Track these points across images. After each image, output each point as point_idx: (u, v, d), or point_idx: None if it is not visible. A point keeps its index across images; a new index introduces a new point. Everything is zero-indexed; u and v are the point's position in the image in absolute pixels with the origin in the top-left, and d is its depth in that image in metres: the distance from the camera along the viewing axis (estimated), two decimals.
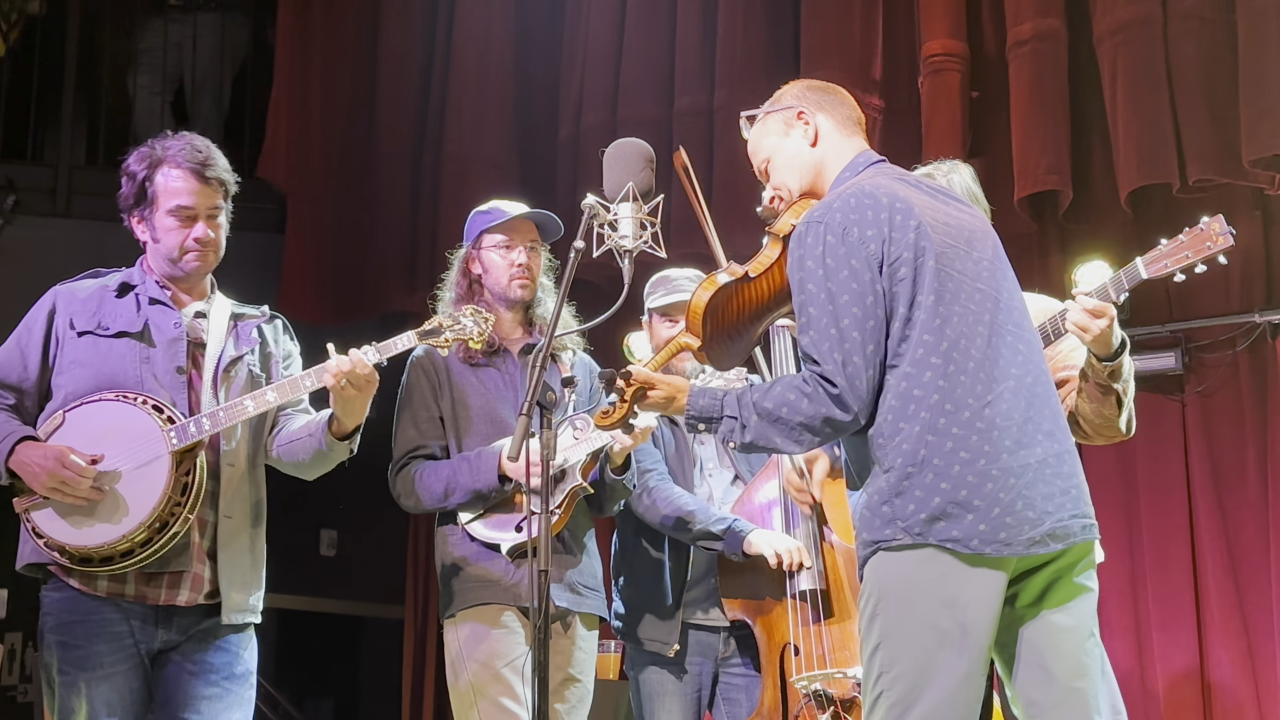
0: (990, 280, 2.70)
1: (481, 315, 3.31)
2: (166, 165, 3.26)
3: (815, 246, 2.63)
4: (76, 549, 3.07)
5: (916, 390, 2.56)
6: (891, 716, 2.54)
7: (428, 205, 6.87)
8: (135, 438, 3.10)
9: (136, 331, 3.23)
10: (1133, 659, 5.28)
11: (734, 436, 2.68)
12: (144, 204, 3.29)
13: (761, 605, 3.80)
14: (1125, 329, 5.24)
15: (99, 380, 3.17)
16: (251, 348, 3.36)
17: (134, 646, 3.13)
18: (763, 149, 2.93)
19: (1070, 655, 2.63)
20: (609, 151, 2.98)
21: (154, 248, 3.32)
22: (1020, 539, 2.53)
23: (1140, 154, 4.96)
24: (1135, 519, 5.40)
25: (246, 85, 7.92)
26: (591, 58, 6.42)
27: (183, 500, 3.10)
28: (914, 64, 5.59)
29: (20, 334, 3.28)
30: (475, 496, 3.49)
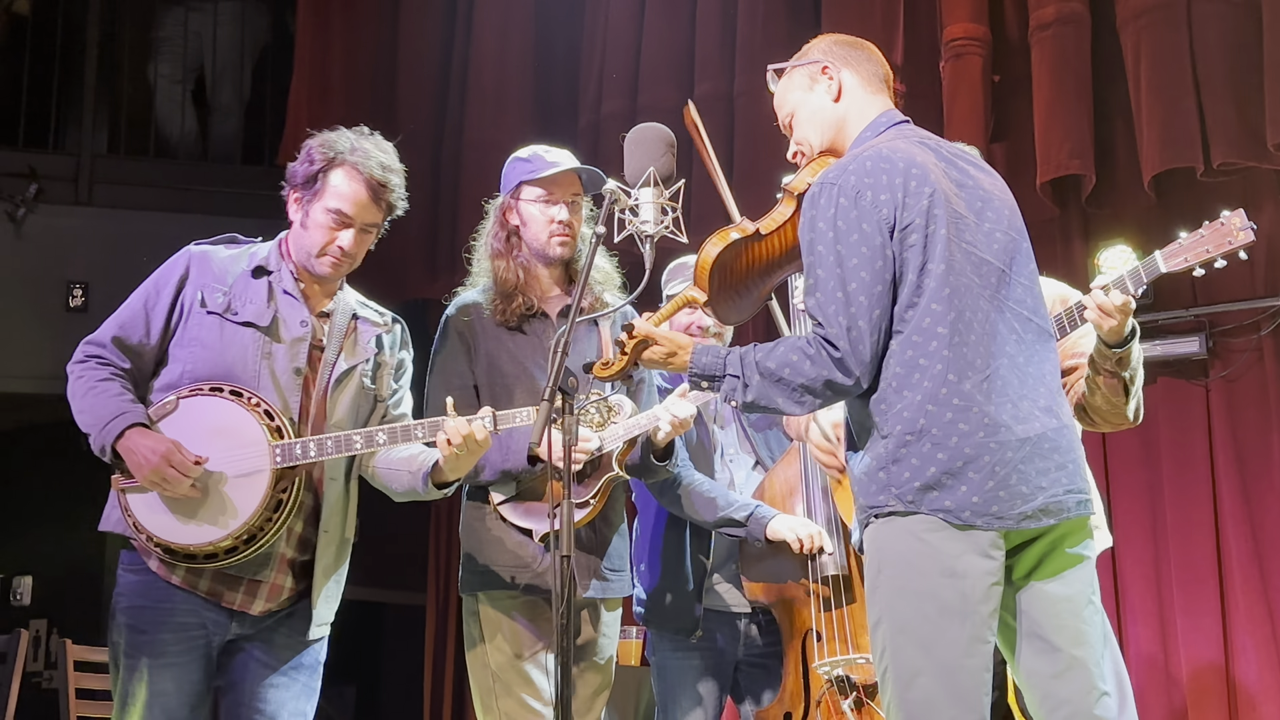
0: (999, 253, 2.69)
1: (605, 405, 3.27)
2: (347, 167, 3.23)
3: (828, 208, 2.63)
4: (162, 541, 3.08)
5: (922, 359, 2.56)
6: (898, 688, 2.54)
7: (448, 192, 6.87)
8: (242, 444, 3.09)
9: (265, 325, 3.20)
10: (1156, 644, 5.26)
11: (735, 395, 2.67)
12: (309, 189, 3.24)
13: (784, 590, 3.80)
14: (1149, 313, 5.29)
15: (217, 366, 3.15)
16: (367, 358, 3.32)
17: (202, 638, 3.13)
18: (787, 103, 2.92)
19: (1069, 624, 2.63)
20: (630, 136, 2.97)
21: (299, 233, 3.27)
22: (1012, 513, 2.53)
23: (1164, 138, 4.93)
24: (1159, 504, 5.38)
25: (267, 73, 7.93)
26: (611, 44, 6.41)
27: (275, 515, 3.10)
28: (935, 48, 5.56)
29: (148, 294, 3.23)
30: (505, 475, 3.45)
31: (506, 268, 3.53)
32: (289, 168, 3.30)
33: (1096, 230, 5.49)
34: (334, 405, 3.24)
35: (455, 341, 3.54)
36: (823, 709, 3.67)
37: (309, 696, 3.27)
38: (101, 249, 6.96)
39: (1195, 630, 5.21)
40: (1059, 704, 2.61)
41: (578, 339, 3.52)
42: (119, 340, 3.18)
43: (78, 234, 7.07)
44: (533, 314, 3.53)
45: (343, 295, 3.37)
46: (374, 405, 3.35)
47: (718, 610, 3.89)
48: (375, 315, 3.42)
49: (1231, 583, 5.21)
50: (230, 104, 7.91)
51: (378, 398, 3.35)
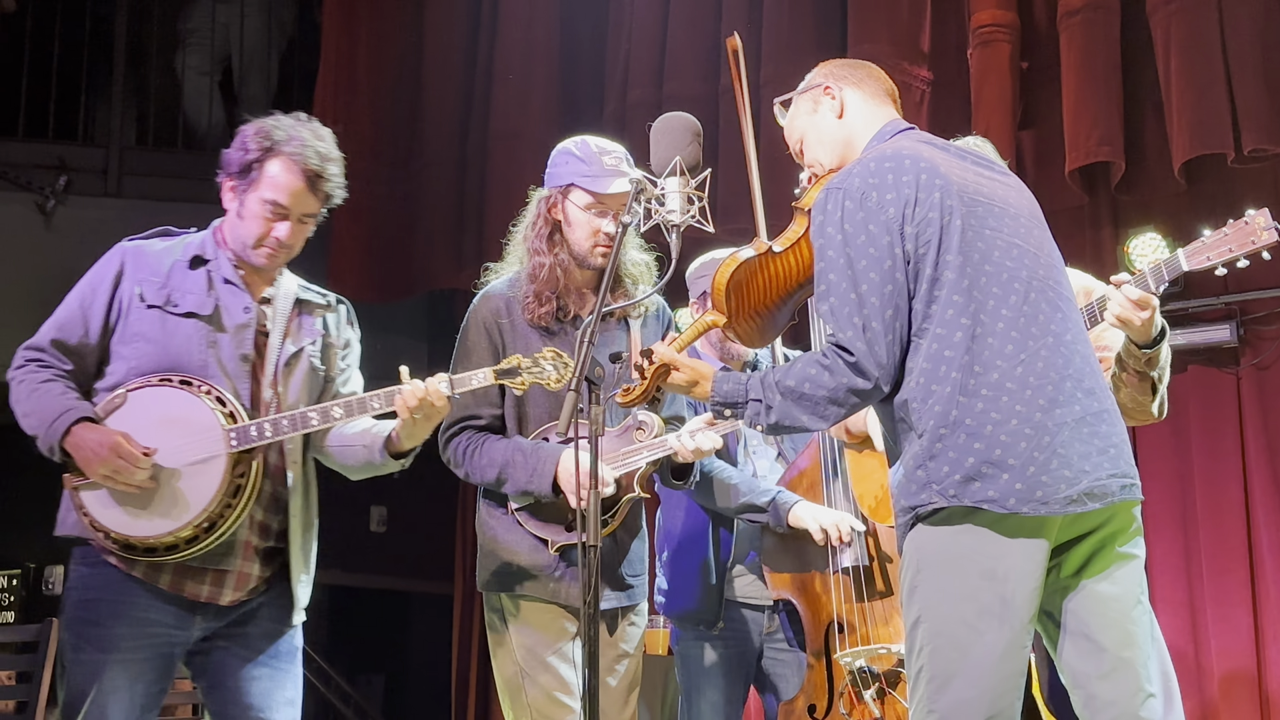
0: (1028, 237, 2.68)
1: (561, 360, 3.15)
2: (283, 158, 3.15)
3: (834, 212, 2.62)
4: (120, 536, 3.01)
5: (947, 351, 2.54)
6: (932, 689, 2.52)
7: (474, 183, 6.88)
8: (195, 431, 3.03)
9: (206, 314, 3.14)
10: (1186, 635, 5.24)
11: (759, 419, 2.65)
12: (245, 179, 3.17)
13: (806, 582, 3.80)
14: (1180, 301, 5.26)
15: (163, 359, 3.09)
16: (314, 339, 3.28)
17: (162, 636, 3.05)
18: (795, 129, 2.93)
19: (1117, 624, 2.60)
20: (656, 126, 2.96)
21: (235, 222, 3.20)
22: (1057, 497, 2.49)
23: (1194, 124, 4.89)
24: (1189, 493, 5.35)
25: (294, 64, 7.96)
26: (637, 33, 6.40)
27: (234, 501, 3.04)
28: (963, 35, 5.54)
29: (84, 294, 3.17)
30: (525, 495, 3.36)
31: (546, 267, 3.42)
32: (224, 154, 3.22)
33: (1126, 218, 5.46)
34: (286, 389, 3.19)
35: (482, 338, 3.44)
36: (845, 700, 3.67)
37: (295, 683, 3.22)
38: None
39: (1226, 620, 5.18)
40: (1104, 705, 2.58)
41: (610, 336, 3.47)
42: (58, 343, 3.12)
43: (107, 225, 7.08)
44: (566, 318, 3.44)
45: (283, 280, 3.30)
46: (324, 386, 3.30)
47: (741, 601, 3.88)
48: (318, 297, 3.36)
49: (1263, 572, 5.18)
50: (257, 95, 7.93)
51: (327, 378, 3.30)
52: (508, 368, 3.13)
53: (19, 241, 7.09)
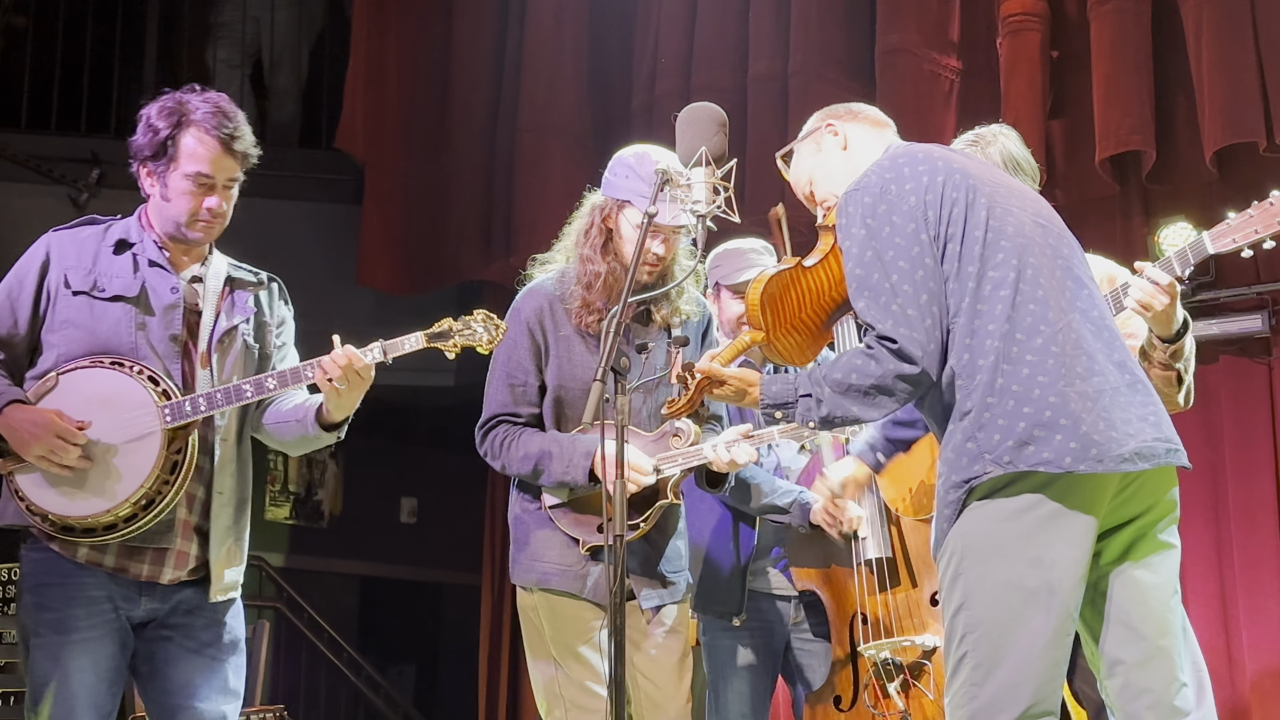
0: (1049, 220, 2.72)
1: (492, 322, 3.15)
2: (195, 128, 3.14)
3: (855, 212, 2.65)
4: (58, 517, 3.02)
5: (990, 324, 2.55)
6: (976, 677, 2.52)
7: (503, 174, 6.89)
8: (128, 409, 3.03)
9: (133, 296, 3.14)
10: (1217, 626, 5.21)
11: (810, 415, 2.65)
12: (161, 159, 3.16)
13: (830, 574, 3.80)
14: (1211, 291, 5.22)
15: (93, 343, 3.09)
16: (247, 317, 3.26)
17: (113, 613, 3.06)
18: (803, 174, 2.97)
19: (1156, 613, 2.60)
20: (682, 116, 2.97)
21: (161, 205, 3.20)
22: (1111, 454, 2.49)
23: (1225, 112, 4.86)
24: (1221, 484, 5.32)
25: (324, 57, 7.99)
26: (665, 24, 6.40)
27: (171, 478, 3.03)
28: (992, 24, 5.51)
29: (10, 286, 3.19)
30: (561, 485, 3.37)
31: (601, 276, 3.40)
32: (131, 142, 3.22)
33: (1157, 207, 5.42)
34: (220, 366, 3.19)
35: (525, 336, 3.43)
36: (870, 692, 3.67)
37: (235, 673, 3.20)
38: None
39: (1258, 613, 5.15)
40: (1140, 692, 2.58)
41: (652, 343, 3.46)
42: None
43: None
44: (644, 345, 3.42)
45: (214, 259, 3.30)
46: (259, 364, 3.28)
47: (766, 593, 3.89)
48: (249, 275, 3.35)
49: None
50: (288, 88, 7.98)
51: (263, 354, 3.30)
52: (439, 330, 3.13)
53: None
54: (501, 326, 3.16)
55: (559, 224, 6.59)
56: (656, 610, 3.41)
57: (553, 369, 3.39)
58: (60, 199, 7.18)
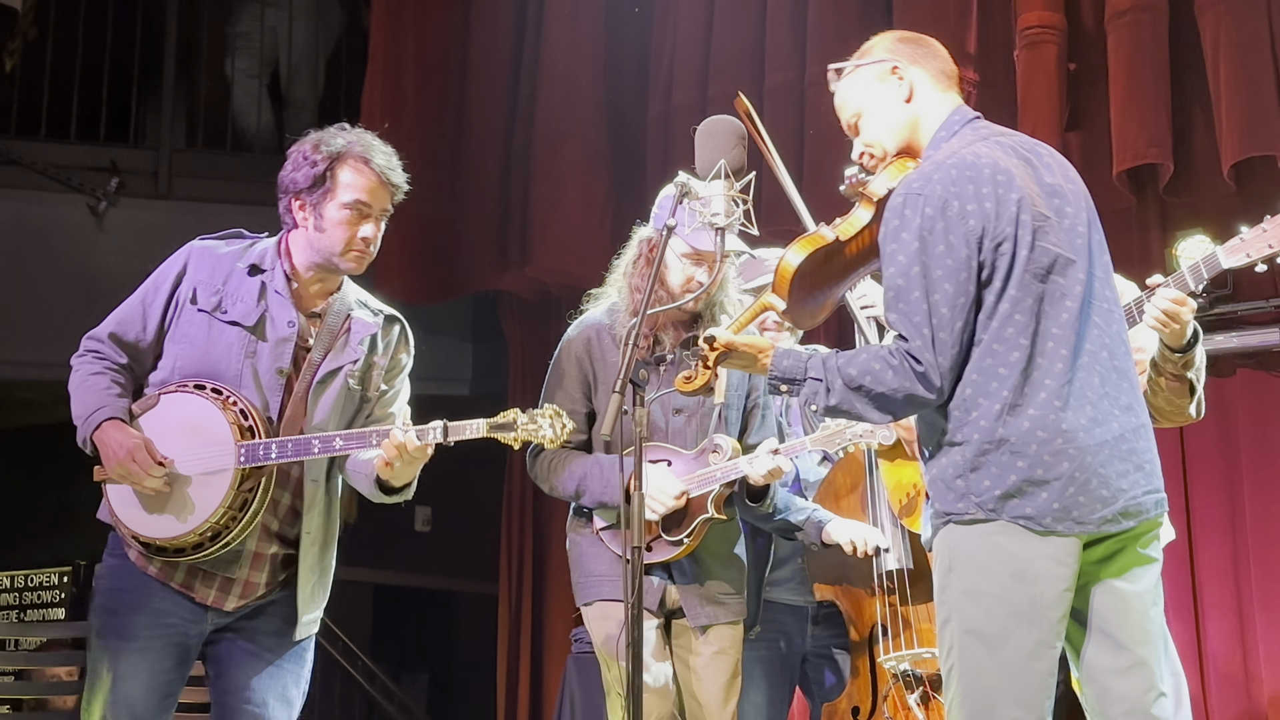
0: (1080, 249, 2.66)
1: (560, 420, 3.13)
2: (354, 160, 3.24)
3: (913, 219, 2.60)
4: (133, 533, 3.14)
5: (1002, 369, 2.55)
6: (964, 688, 2.54)
7: (519, 184, 6.90)
8: (211, 442, 3.12)
9: (250, 324, 3.21)
10: (1234, 640, 5.19)
11: (817, 400, 2.65)
12: (317, 190, 3.22)
13: (849, 586, 3.80)
14: (1228, 304, 5.20)
15: (204, 363, 3.19)
16: (355, 359, 3.31)
17: (177, 628, 3.15)
18: (852, 103, 2.85)
19: (1136, 622, 2.62)
20: (701, 129, 2.98)
21: (312, 237, 3.26)
22: (1093, 517, 2.53)
23: (1243, 125, 4.85)
24: (1238, 498, 5.30)
25: (341, 67, 8.02)
26: (682, 34, 6.41)
27: (240, 514, 3.11)
28: (1009, 36, 5.51)
29: (147, 291, 3.29)
30: (601, 505, 3.52)
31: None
32: (284, 177, 3.28)
33: (1174, 220, 5.41)
34: (314, 405, 3.23)
35: (574, 366, 3.58)
36: (889, 703, 3.67)
37: (295, 683, 3.28)
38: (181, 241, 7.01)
39: (1275, 626, 5.12)
40: (1116, 700, 2.60)
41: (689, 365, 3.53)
42: (115, 336, 3.25)
43: (157, 227, 7.18)
44: (662, 351, 3.56)
45: (340, 295, 3.36)
46: (359, 405, 3.34)
47: (784, 604, 3.89)
48: (370, 315, 3.39)
49: None
50: (305, 97, 8.00)
51: (364, 398, 3.34)
52: (503, 422, 3.12)
53: (72, 243, 7.19)
54: (568, 426, 3.14)
55: (575, 233, 6.67)
56: (704, 630, 3.50)
57: (600, 397, 3.54)
58: (79, 207, 7.22)
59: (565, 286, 6.73)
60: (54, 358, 7.13)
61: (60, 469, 7.58)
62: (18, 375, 7.38)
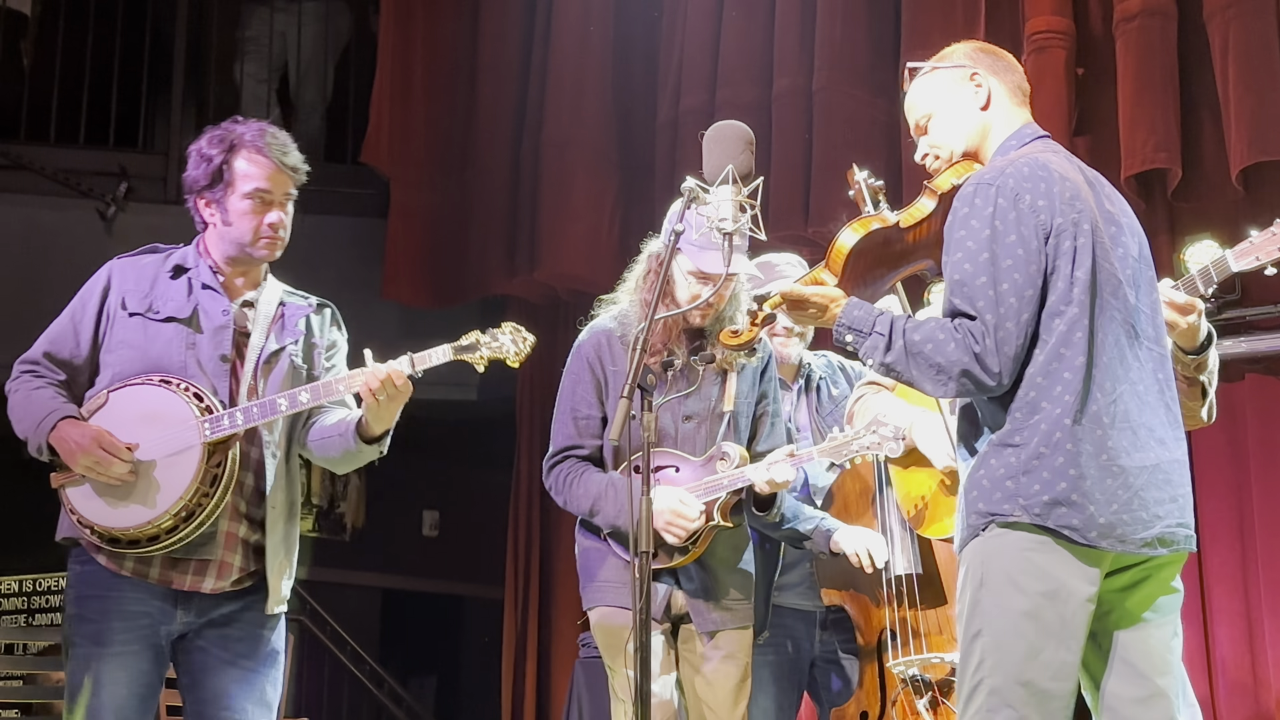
0: (1130, 279, 2.67)
1: (520, 335, 3.25)
2: (247, 150, 3.28)
3: (984, 207, 2.60)
4: (104, 529, 3.13)
5: (1067, 373, 2.55)
6: (992, 704, 2.52)
7: (527, 189, 6.91)
8: (172, 424, 3.13)
9: (185, 317, 3.25)
10: (1243, 646, 5.18)
11: (875, 355, 2.65)
12: (218, 186, 3.29)
13: (858, 591, 3.80)
14: (1237, 309, 5.20)
15: (146, 363, 3.21)
16: (295, 339, 3.36)
17: (151, 628, 3.16)
18: (925, 104, 2.86)
19: (1157, 653, 2.62)
20: (708, 134, 2.98)
21: (221, 231, 3.32)
22: (1135, 538, 2.54)
23: (1252, 130, 4.84)
24: (1246, 503, 5.29)
25: (350, 72, 8.03)
26: (690, 40, 6.41)
27: (211, 490, 3.13)
28: (1017, 41, 5.50)
29: (75, 309, 3.32)
30: (615, 529, 3.52)
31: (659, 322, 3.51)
32: (186, 177, 3.35)
33: (1183, 225, 5.41)
34: (265, 385, 3.27)
35: (586, 372, 3.60)
36: (898, 708, 3.66)
37: (272, 685, 3.29)
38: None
39: None
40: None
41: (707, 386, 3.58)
42: (50, 355, 3.28)
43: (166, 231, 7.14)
44: (671, 363, 3.56)
45: (267, 285, 3.41)
46: (306, 384, 3.35)
47: (793, 608, 3.89)
48: (301, 300, 3.46)
49: None
50: (314, 102, 8.02)
51: (310, 376, 3.37)
52: (466, 344, 3.23)
53: (81, 248, 7.19)
54: (529, 339, 3.26)
55: (583, 238, 6.68)
56: (711, 635, 3.50)
57: (611, 402, 3.54)
58: (88, 212, 7.23)
59: (573, 292, 6.74)
60: None
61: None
62: None
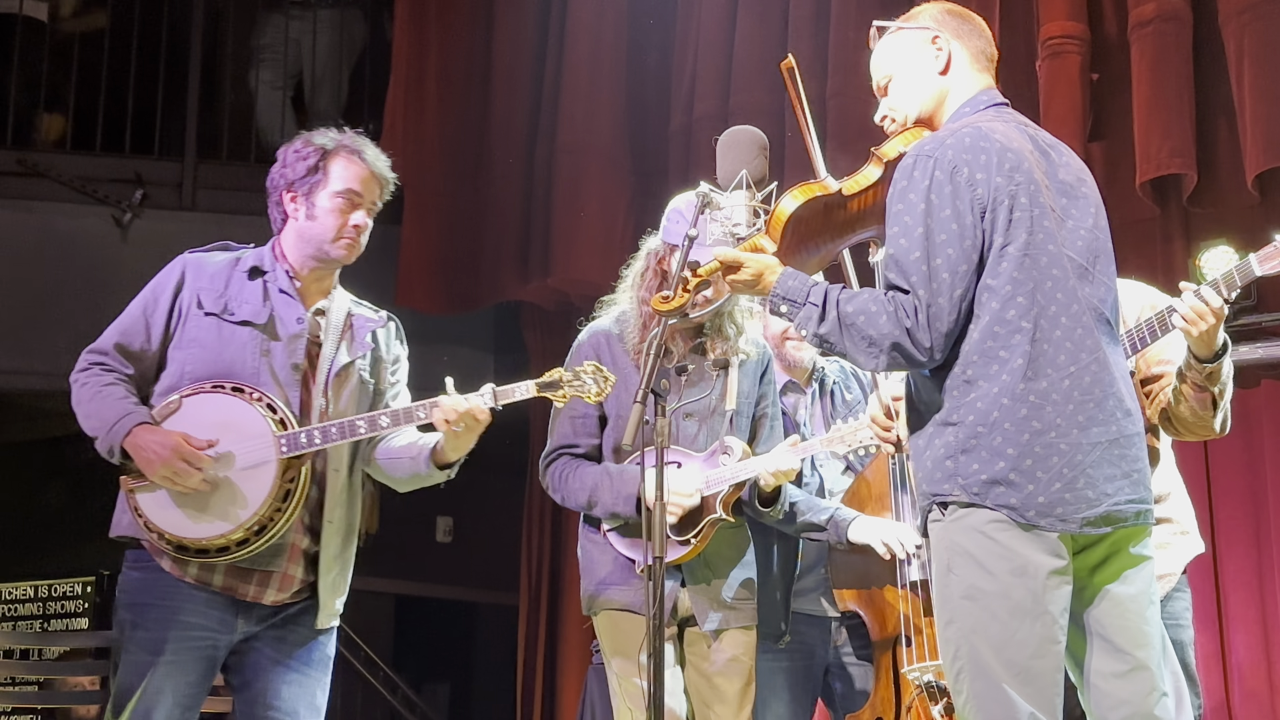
0: (1083, 250, 2.65)
1: (601, 374, 3.27)
2: (345, 151, 3.30)
3: (922, 180, 2.59)
4: (174, 538, 3.11)
5: (1002, 351, 2.53)
6: (978, 689, 2.52)
7: (541, 195, 6.92)
8: (248, 437, 3.12)
9: (261, 323, 3.24)
10: (1259, 652, 5.15)
11: (809, 325, 2.64)
12: (309, 181, 3.28)
13: (872, 596, 3.79)
14: (1253, 315, 5.18)
15: (217, 365, 3.19)
16: (364, 353, 3.37)
17: (206, 639, 3.15)
18: (887, 65, 2.85)
19: (1132, 625, 2.60)
20: (722, 140, 2.99)
21: (302, 228, 3.31)
22: (1076, 517, 2.51)
23: (1268, 135, 4.82)
24: (1263, 509, 5.27)
25: (364, 79, 8.05)
26: (703, 46, 6.42)
27: (284, 506, 3.13)
28: (1032, 46, 5.50)
29: (146, 301, 3.30)
30: (614, 516, 3.53)
31: (652, 315, 3.50)
32: (275, 173, 3.35)
33: (1198, 230, 5.38)
34: (335, 398, 3.27)
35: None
36: (913, 714, 3.65)
37: (322, 690, 3.30)
38: None
39: None
40: (1118, 704, 2.59)
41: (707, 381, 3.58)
42: (120, 347, 3.25)
43: (182, 238, 7.16)
44: (670, 362, 3.57)
45: (337, 294, 3.41)
46: (373, 399, 3.38)
47: (808, 614, 3.89)
48: (370, 312, 3.47)
49: None
50: (329, 110, 8.02)
51: (377, 391, 3.38)
52: (550, 380, 3.23)
53: (97, 254, 7.22)
54: (610, 379, 3.27)
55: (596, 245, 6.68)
56: (717, 634, 3.51)
57: (611, 400, 3.48)
58: (104, 219, 7.25)
59: (587, 298, 6.72)
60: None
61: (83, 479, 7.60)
62: (42, 386, 7.40)
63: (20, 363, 7.16)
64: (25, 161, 7.29)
